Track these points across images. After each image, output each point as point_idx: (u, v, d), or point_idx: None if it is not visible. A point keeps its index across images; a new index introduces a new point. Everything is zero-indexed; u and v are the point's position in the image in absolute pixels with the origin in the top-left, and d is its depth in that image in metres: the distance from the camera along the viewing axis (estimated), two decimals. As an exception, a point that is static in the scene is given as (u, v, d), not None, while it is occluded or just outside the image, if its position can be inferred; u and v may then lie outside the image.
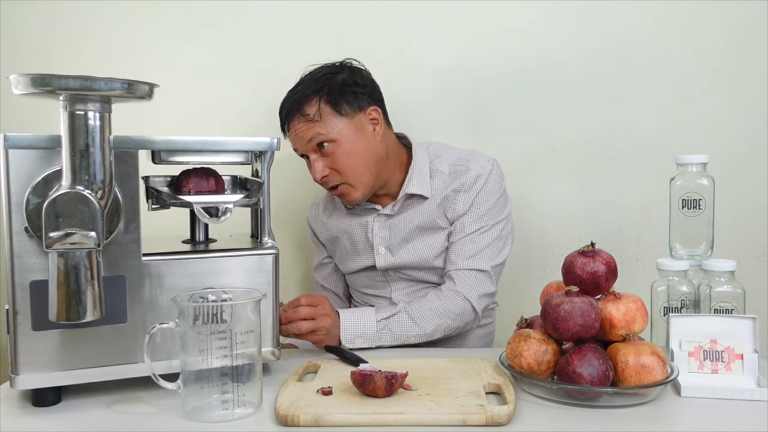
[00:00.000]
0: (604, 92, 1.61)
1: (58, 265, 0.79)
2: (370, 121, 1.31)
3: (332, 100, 1.27)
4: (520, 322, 1.05)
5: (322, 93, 1.27)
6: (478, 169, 1.32)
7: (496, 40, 1.61)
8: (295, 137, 1.30)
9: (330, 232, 1.44)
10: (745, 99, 1.57)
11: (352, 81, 1.30)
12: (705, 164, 1.14)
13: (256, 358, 0.87)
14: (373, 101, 1.32)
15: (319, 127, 1.26)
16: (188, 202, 0.96)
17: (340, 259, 1.46)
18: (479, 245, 1.29)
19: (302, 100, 1.28)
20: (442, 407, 0.85)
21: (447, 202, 1.32)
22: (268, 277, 0.99)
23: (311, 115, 1.26)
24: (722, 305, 1.07)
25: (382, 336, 1.18)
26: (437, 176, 1.34)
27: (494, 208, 1.32)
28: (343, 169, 1.28)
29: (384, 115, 1.35)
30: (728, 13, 1.56)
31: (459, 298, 1.26)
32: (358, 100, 1.29)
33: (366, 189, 1.31)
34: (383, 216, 1.37)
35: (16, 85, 0.79)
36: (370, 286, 1.42)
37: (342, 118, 1.27)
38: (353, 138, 1.28)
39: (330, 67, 1.32)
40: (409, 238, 1.34)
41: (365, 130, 1.30)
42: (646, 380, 0.88)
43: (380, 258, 1.37)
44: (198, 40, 1.61)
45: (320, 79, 1.29)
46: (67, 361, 0.88)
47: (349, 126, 1.28)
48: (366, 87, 1.32)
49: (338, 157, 1.27)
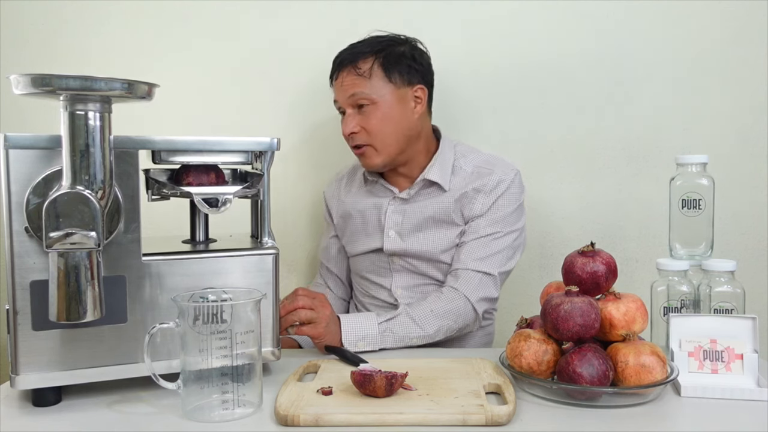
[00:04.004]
0: (604, 92, 1.61)
1: (58, 265, 0.79)
2: (414, 97, 1.34)
3: (386, 65, 1.31)
4: (520, 322, 1.05)
5: (380, 55, 1.32)
6: (501, 174, 1.34)
7: (496, 40, 1.61)
8: (340, 88, 1.34)
9: (344, 209, 1.46)
10: (745, 99, 1.57)
11: (411, 55, 1.35)
12: (705, 164, 1.14)
13: (256, 358, 0.87)
14: (423, 81, 1.36)
15: (365, 86, 1.30)
16: (188, 192, 0.96)
17: (348, 238, 1.46)
18: (491, 249, 1.30)
19: (359, 55, 1.32)
20: (442, 407, 0.85)
21: (465, 199, 1.33)
22: (268, 277, 0.99)
23: (362, 71, 1.31)
24: (722, 305, 1.07)
25: (384, 338, 1.18)
26: (459, 173, 1.36)
27: (511, 216, 1.33)
28: (373, 131, 1.31)
29: (428, 99, 1.38)
30: (728, 12, 1.56)
31: (460, 299, 1.26)
32: (410, 74, 1.33)
33: (388, 158, 1.34)
34: (399, 200, 1.38)
35: (17, 85, 0.79)
36: (373, 271, 1.42)
37: (389, 84, 1.31)
38: (393, 106, 1.32)
39: (395, 36, 1.37)
40: (420, 227, 1.36)
41: (407, 104, 1.33)
42: (646, 380, 0.88)
43: (389, 241, 1.37)
44: (198, 40, 1.61)
45: (382, 42, 1.34)
46: (67, 361, 0.88)
47: (392, 94, 1.32)
48: (421, 66, 1.36)
49: (373, 119, 1.31)
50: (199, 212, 1.05)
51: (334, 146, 1.66)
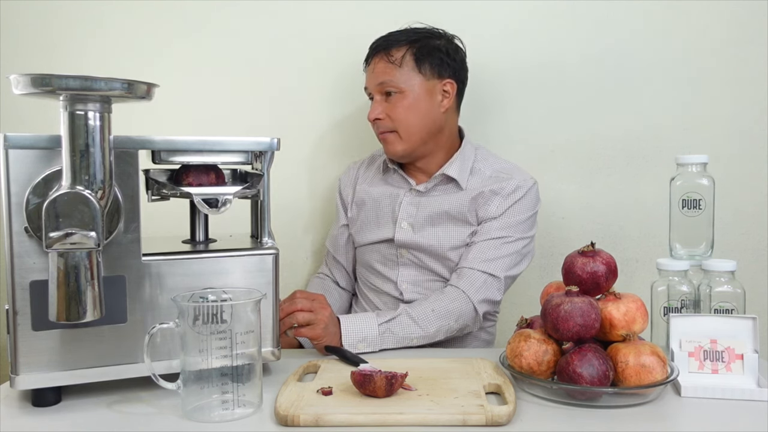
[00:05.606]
0: (604, 92, 1.61)
1: (58, 265, 0.79)
2: (442, 91, 1.36)
3: (418, 56, 1.33)
4: (520, 322, 1.05)
5: (414, 45, 1.34)
6: (520, 180, 1.35)
7: (496, 40, 1.61)
8: (371, 74, 1.37)
9: (359, 196, 1.47)
10: (744, 99, 1.57)
11: (445, 50, 1.36)
12: (705, 164, 1.14)
13: (256, 358, 0.87)
14: (453, 77, 1.37)
15: (395, 74, 1.32)
16: (188, 192, 0.96)
17: (359, 227, 1.46)
18: (500, 252, 1.30)
19: (393, 43, 1.35)
20: (442, 407, 0.85)
21: (481, 199, 1.33)
22: (268, 277, 0.99)
23: (394, 59, 1.33)
24: (722, 305, 1.07)
25: (384, 339, 1.18)
26: (478, 174, 1.38)
27: (524, 223, 1.34)
28: (398, 119, 1.33)
29: (457, 96, 1.39)
30: (728, 12, 1.56)
31: (462, 299, 1.26)
32: (442, 68, 1.35)
33: (410, 147, 1.35)
34: (415, 192, 1.39)
35: (16, 85, 0.79)
36: (381, 262, 1.42)
37: (419, 75, 1.33)
38: (420, 97, 1.33)
39: (433, 29, 1.39)
40: (433, 222, 1.36)
41: (434, 97, 1.35)
42: (646, 380, 0.88)
43: (400, 232, 1.37)
44: (198, 40, 1.61)
45: (418, 33, 1.36)
46: (67, 361, 0.88)
47: (421, 85, 1.33)
48: (454, 62, 1.37)
49: (399, 107, 1.33)
50: (199, 212, 1.05)
51: (335, 146, 1.66)
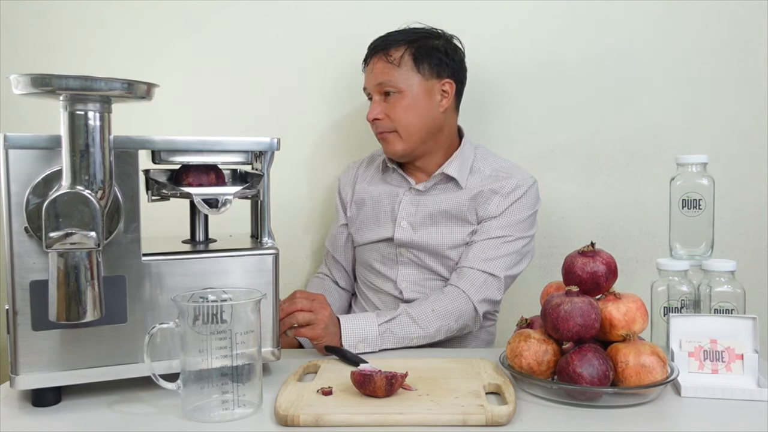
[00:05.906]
0: (604, 92, 1.61)
1: (58, 265, 0.79)
2: (441, 91, 1.36)
3: (417, 56, 1.33)
4: (520, 322, 1.05)
5: (412, 45, 1.34)
6: (519, 179, 1.35)
7: (495, 40, 1.61)
8: (370, 74, 1.37)
9: (358, 195, 1.47)
10: (745, 99, 1.57)
11: (444, 49, 1.36)
12: (705, 164, 1.14)
13: (256, 358, 0.87)
14: (452, 76, 1.37)
15: (393, 74, 1.33)
16: (188, 192, 0.96)
17: (359, 226, 1.46)
18: (500, 252, 1.30)
19: (392, 43, 1.35)
20: (442, 407, 0.85)
21: (481, 198, 1.33)
22: (268, 277, 0.99)
23: (392, 59, 1.33)
24: (722, 305, 1.07)
25: (384, 339, 1.18)
26: (477, 173, 1.38)
27: (524, 222, 1.34)
28: (397, 119, 1.34)
29: (456, 96, 1.40)
30: (728, 13, 1.56)
31: (462, 298, 1.26)
32: (440, 67, 1.35)
33: (410, 147, 1.36)
34: (414, 191, 1.39)
35: (16, 85, 0.79)
36: (381, 261, 1.42)
37: (417, 75, 1.33)
38: (418, 97, 1.33)
39: (432, 29, 1.39)
40: (432, 221, 1.36)
41: (433, 96, 1.35)
42: (646, 380, 0.88)
43: (400, 231, 1.38)
44: (198, 40, 1.61)
45: (417, 33, 1.36)
46: (67, 361, 0.88)
47: (420, 85, 1.34)
48: (453, 62, 1.37)
49: (398, 107, 1.33)
50: (199, 212, 1.05)
51: (334, 146, 1.66)
